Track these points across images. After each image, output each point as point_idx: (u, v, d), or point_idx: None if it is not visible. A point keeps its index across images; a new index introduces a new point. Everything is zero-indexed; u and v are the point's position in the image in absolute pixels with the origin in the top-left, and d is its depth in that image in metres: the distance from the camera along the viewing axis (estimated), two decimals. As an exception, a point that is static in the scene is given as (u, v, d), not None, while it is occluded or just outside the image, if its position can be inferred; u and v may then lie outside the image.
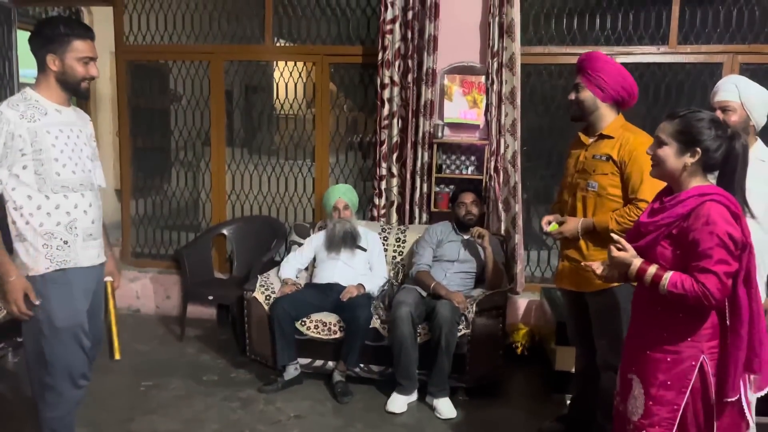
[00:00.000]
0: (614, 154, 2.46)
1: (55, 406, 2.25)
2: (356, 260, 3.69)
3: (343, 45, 4.38)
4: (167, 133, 4.94)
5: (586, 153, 2.56)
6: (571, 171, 2.63)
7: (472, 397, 3.35)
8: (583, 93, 2.52)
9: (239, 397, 3.33)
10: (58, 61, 2.14)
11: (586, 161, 2.55)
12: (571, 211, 2.59)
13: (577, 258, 2.54)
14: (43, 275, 2.16)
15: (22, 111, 2.11)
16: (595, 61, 2.52)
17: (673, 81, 4.04)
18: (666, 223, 1.80)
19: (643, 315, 1.91)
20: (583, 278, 2.51)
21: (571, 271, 2.59)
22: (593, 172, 2.50)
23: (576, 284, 2.59)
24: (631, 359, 1.93)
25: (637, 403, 1.84)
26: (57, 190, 2.17)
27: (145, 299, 4.69)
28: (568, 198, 2.62)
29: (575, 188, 2.57)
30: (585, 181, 2.53)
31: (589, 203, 2.52)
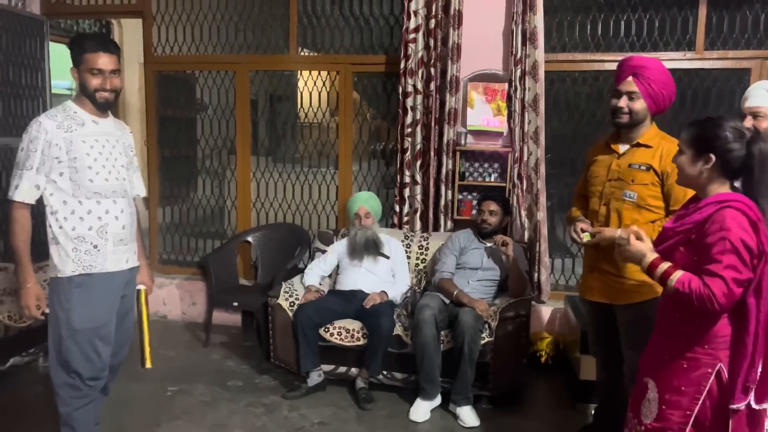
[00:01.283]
0: (655, 164, 2.40)
1: (69, 402, 2.38)
2: (379, 267, 3.70)
3: (367, 54, 4.42)
4: (194, 142, 5.02)
5: (618, 161, 2.48)
6: (601, 179, 2.53)
7: (496, 406, 3.33)
8: (639, 103, 2.40)
9: (263, 403, 3.35)
10: (78, 75, 2.30)
11: (621, 170, 2.46)
12: (604, 221, 2.50)
13: (611, 270, 2.47)
14: (69, 278, 2.28)
15: (59, 121, 2.25)
16: (657, 74, 2.40)
17: (700, 87, 3.99)
18: (684, 229, 1.80)
19: (663, 322, 1.91)
20: (617, 291, 2.47)
21: (604, 283, 2.51)
22: (631, 181, 2.42)
23: (609, 297, 2.51)
24: (648, 364, 1.93)
25: (651, 407, 1.85)
26: (90, 196, 2.28)
27: (171, 305, 4.76)
28: (599, 207, 2.53)
29: (609, 198, 2.49)
30: (620, 190, 2.45)
31: (626, 214, 2.44)
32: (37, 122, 2.23)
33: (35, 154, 2.20)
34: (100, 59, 2.26)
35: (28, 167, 2.21)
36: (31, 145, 2.21)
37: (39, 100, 4.54)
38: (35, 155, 2.20)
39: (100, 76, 2.27)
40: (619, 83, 2.44)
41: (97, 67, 2.26)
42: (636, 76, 2.40)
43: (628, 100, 2.41)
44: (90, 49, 2.26)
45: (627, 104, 2.41)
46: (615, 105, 2.44)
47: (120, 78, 2.35)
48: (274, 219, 4.75)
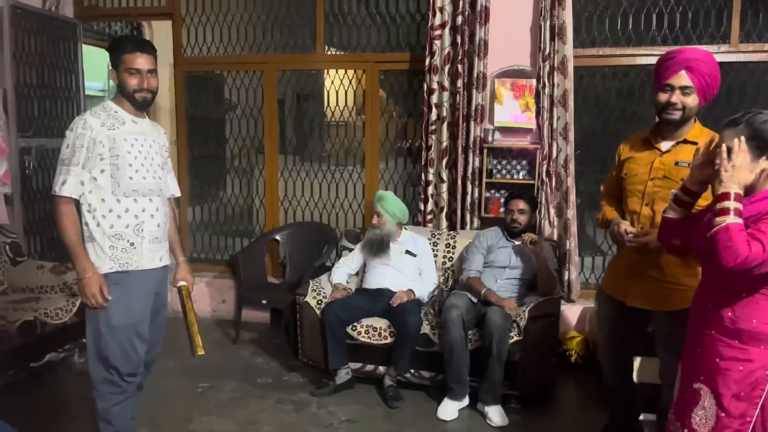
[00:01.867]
0: None
1: (107, 398, 2.42)
2: (406, 266, 3.70)
3: (393, 52, 4.41)
4: (222, 142, 5.09)
5: (662, 159, 2.37)
6: (642, 178, 2.41)
7: (524, 406, 3.30)
8: (692, 98, 2.28)
9: (292, 400, 3.38)
10: (116, 75, 2.35)
11: (667, 168, 2.35)
12: (648, 222, 2.38)
13: (656, 275, 2.36)
14: (106, 274, 2.32)
15: (103, 119, 2.31)
16: (712, 68, 2.28)
17: (735, 81, 3.89)
18: (745, 216, 1.71)
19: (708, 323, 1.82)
20: (662, 297, 2.35)
21: (647, 289, 2.39)
22: (681, 180, 2.25)
23: (652, 303, 2.39)
24: (696, 369, 1.84)
25: (708, 415, 1.76)
26: (128, 194, 2.34)
27: (201, 303, 4.82)
28: (641, 208, 2.41)
29: (652, 197, 2.38)
30: (667, 189, 2.31)
31: None
32: (82, 119, 2.29)
33: (81, 150, 2.25)
34: (137, 59, 2.32)
35: (75, 163, 2.26)
36: (77, 142, 2.25)
37: (74, 101, 4.65)
38: (81, 151, 2.25)
39: (138, 75, 2.32)
40: (670, 77, 2.28)
41: (135, 67, 2.31)
42: (690, 70, 2.26)
43: (682, 95, 2.28)
44: (128, 50, 2.32)
45: (680, 99, 2.28)
46: (667, 100, 2.29)
47: (157, 78, 2.41)
48: (301, 217, 4.79)
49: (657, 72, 2.35)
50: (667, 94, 2.30)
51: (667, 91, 2.29)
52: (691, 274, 2.30)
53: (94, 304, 2.30)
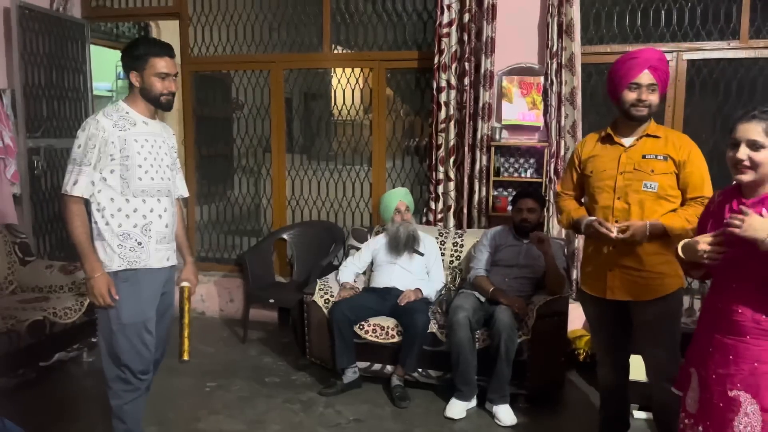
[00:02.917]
0: (672, 153, 2.37)
1: (120, 395, 2.43)
2: (414, 265, 3.69)
3: (400, 50, 4.40)
4: (230, 141, 5.10)
5: (627, 154, 2.43)
6: (611, 173, 2.45)
7: (533, 405, 3.29)
8: (656, 96, 2.39)
9: (300, 399, 3.38)
10: (140, 78, 2.35)
11: (636, 161, 2.41)
12: (622, 214, 2.42)
13: (634, 266, 2.41)
14: (116, 272, 2.34)
15: (115, 120, 2.33)
16: (665, 63, 2.41)
17: (746, 77, 3.85)
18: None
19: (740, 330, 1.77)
20: (641, 286, 2.40)
21: (627, 281, 2.43)
22: (651, 172, 2.38)
23: (633, 294, 2.43)
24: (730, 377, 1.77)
25: (752, 421, 1.72)
26: (137, 194, 2.35)
27: (209, 302, 4.84)
28: (613, 202, 2.44)
29: (625, 190, 2.42)
30: (639, 182, 2.39)
31: (648, 205, 2.39)
32: (95, 120, 2.30)
33: (93, 151, 2.27)
34: (166, 63, 2.35)
35: (87, 163, 2.27)
36: (89, 142, 2.27)
37: (82, 102, 4.67)
38: (93, 152, 2.27)
39: (166, 79, 2.36)
40: (635, 76, 2.36)
41: (164, 71, 2.34)
42: (653, 69, 2.37)
43: (648, 93, 2.37)
44: (156, 54, 2.34)
45: (647, 97, 2.37)
46: (636, 98, 2.37)
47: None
48: (309, 217, 4.79)
49: (619, 72, 2.42)
50: (634, 93, 2.38)
51: (634, 90, 2.38)
52: (666, 262, 2.39)
53: (102, 304, 2.31)
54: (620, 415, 2.75)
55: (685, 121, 3.85)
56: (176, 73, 2.42)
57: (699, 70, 3.89)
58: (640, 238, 2.35)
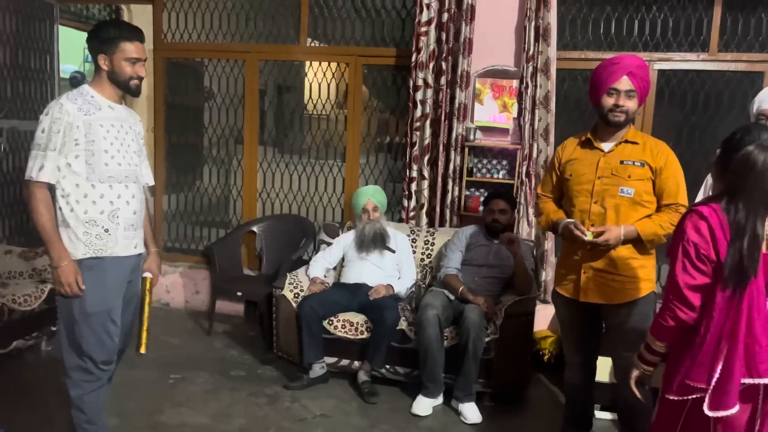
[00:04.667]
0: (649, 159, 2.42)
1: (81, 385, 2.36)
2: (385, 261, 3.69)
3: (377, 47, 4.39)
4: (200, 131, 5.01)
5: (606, 159, 2.46)
6: (589, 177, 2.47)
7: (498, 403, 3.33)
8: (634, 102, 2.42)
9: (266, 393, 3.35)
10: (108, 61, 2.29)
11: (613, 167, 2.45)
12: (598, 218, 2.45)
13: (608, 269, 2.44)
14: (81, 260, 2.27)
15: (79, 104, 2.26)
16: (645, 70, 2.44)
17: (713, 89, 3.96)
18: None
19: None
20: (614, 290, 2.44)
21: (600, 284, 2.47)
22: (628, 177, 2.42)
23: (606, 296, 2.46)
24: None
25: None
26: (104, 180, 2.29)
27: (175, 293, 4.76)
28: (590, 206, 2.47)
29: (602, 195, 2.45)
30: (616, 187, 2.43)
31: (623, 210, 2.42)
32: (59, 104, 2.23)
33: (57, 135, 2.20)
34: (136, 48, 2.30)
35: (51, 148, 2.20)
36: (54, 126, 2.20)
37: (47, 84, 4.54)
38: (57, 136, 2.20)
39: (137, 64, 2.31)
40: (614, 82, 2.40)
41: (135, 56, 2.30)
42: (631, 75, 2.40)
43: (626, 98, 2.40)
44: (127, 38, 2.29)
45: (625, 102, 2.40)
46: (614, 103, 2.40)
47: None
48: (279, 210, 4.74)
49: (599, 78, 2.45)
50: (612, 98, 2.42)
51: (613, 95, 2.42)
52: (639, 266, 2.45)
53: (68, 292, 2.24)
54: (584, 415, 2.80)
55: (653, 130, 3.94)
56: (146, 58, 2.37)
57: (669, 80, 3.98)
58: (614, 243, 2.39)
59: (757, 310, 1.69)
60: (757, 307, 1.69)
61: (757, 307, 1.69)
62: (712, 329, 1.70)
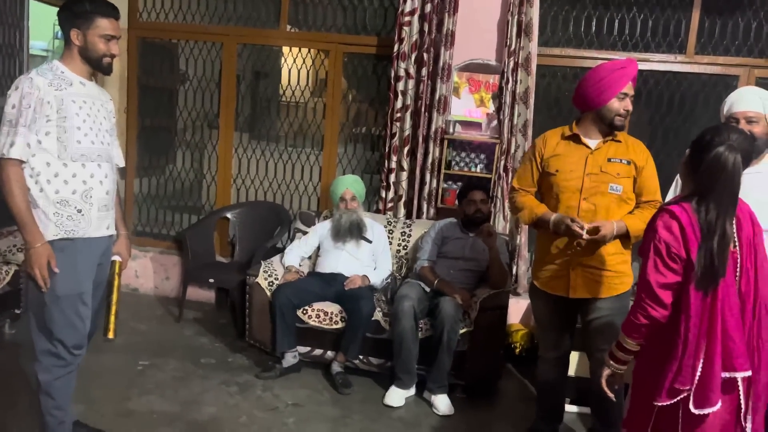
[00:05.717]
0: (634, 158, 2.46)
1: (50, 370, 2.29)
2: (361, 252, 3.67)
3: (359, 35, 4.35)
4: (173, 114, 4.90)
5: (593, 156, 2.47)
6: (577, 174, 2.47)
7: (470, 395, 3.34)
8: (631, 105, 2.46)
9: (237, 381, 3.31)
10: (81, 37, 2.22)
11: (601, 164, 2.46)
12: (588, 215, 2.45)
13: (596, 265, 2.47)
14: (51, 242, 2.19)
15: (50, 79, 2.18)
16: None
17: (688, 91, 4.03)
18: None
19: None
20: (601, 284, 2.48)
21: (587, 279, 2.49)
22: (617, 175, 2.45)
23: (593, 291, 2.49)
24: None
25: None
26: (76, 158, 2.22)
27: (144, 278, 4.66)
28: (578, 202, 2.47)
29: (591, 192, 2.46)
30: (606, 184, 2.45)
31: (612, 207, 2.46)
32: (29, 78, 2.14)
33: (28, 111, 2.11)
34: (111, 25, 2.24)
35: (22, 124, 2.11)
36: (24, 101, 2.11)
37: (16, 59, 4.37)
38: (28, 112, 2.11)
39: (111, 41, 2.24)
40: (623, 86, 2.41)
41: (110, 33, 2.23)
42: (633, 80, 2.45)
43: (630, 103, 2.44)
44: (103, 14, 2.22)
45: (630, 107, 2.44)
46: (624, 108, 2.42)
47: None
48: (254, 197, 4.68)
49: (607, 81, 2.41)
50: (622, 102, 2.43)
51: (622, 99, 2.43)
52: (623, 261, 2.52)
53: (38, 276, 2.16)
54: (555, 409, 2.84)
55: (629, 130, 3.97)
56: (120, 36, 2.31)
57: (646, 80, 4.03)
58: (608, 239, 2.42)
59: (728, 307, 1.73)
60: (728, 305, 1.73)
61: (728, 305, 1.73)
62: (692, 329, 1.73)
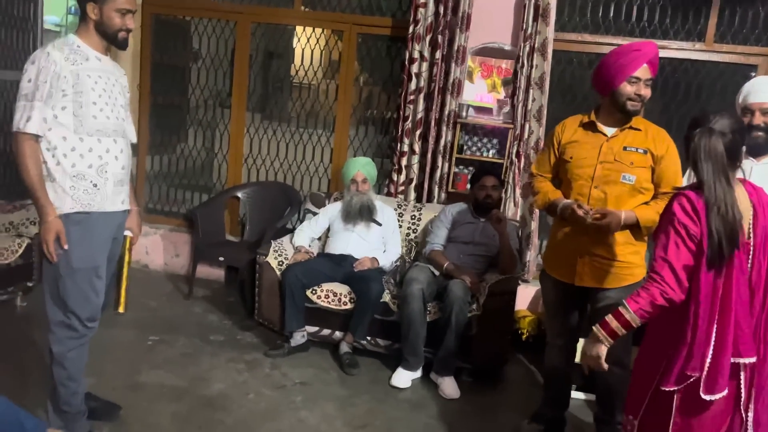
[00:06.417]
0: (651, 146, 2.40)
1: (64, 342, 2.31)
2: (371, 234, 3.67)
3: (373, 15, 4.31)
4: (186, 92, 4.89)
5: (609, 144, 2.43)
6: (590, 161, 2.45)
7: (476, 380, 3.36)
8: (649, 90, 2.39)
9: (245, 359, 3.34)
10: (98, 10, 2.21)
11: (616, 152, 2.42)
12: (597, 203, 2.43)
13: (604, 255, 2.45)
14: (67, 215, 2.20)
15: (66, 54, 2.17)
16: (658, 58, 2.43)
17: (706, 79, 3.98)
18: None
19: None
20: (608, 274, 2.45)
21: (595, 268, 2.47)
22: (630, 164, 2.40)
23: (599, 281, 2.47)
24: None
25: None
26: (92, 133, 2.22)
27: (154, 255, 4.69)
28: (590, 190, 2.44)
29: (603, 180, 2.43)
30: (618, 173, 2.41)
31: (624, 196, 2.41)
32: (45, 53, 2.14)
33: (44, 85, 2.11)
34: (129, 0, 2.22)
35: (39, 98, 2.11)
36: (40, 76, 2.11)
37: (30, 33, 4.38)
38: (44, 86, 2.11)
39: (127, 15, 2.23)
40: (635, 70, 2.35)
41: (126, 7, 2.22)
42: (651, 63, 2.38)
43: (645, 87, 2.37)
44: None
45: (645, 92, 2.37)
46: (635, 92, 2.36)
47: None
48: (265, 177, 4.68)
49: (617, 64, 2.37)
50: (634, 86, 2.37)
51: (634, 83, 2.36)
52: (634, 252, 2.47)
53: (45, 250, 2.17)
54: (561, 395, 2.84)
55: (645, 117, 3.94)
56: (135, 10, 2.30)
57: (663, 68, 3.98)
58: (614, 227, 2.37)
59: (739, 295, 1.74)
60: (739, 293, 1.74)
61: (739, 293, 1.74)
62: (701, 315, 1.73)
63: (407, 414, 2.96)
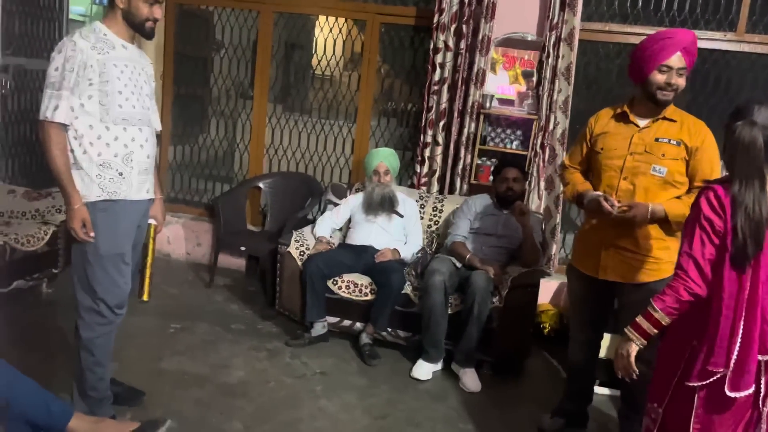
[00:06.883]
0: (686, 138, 2.33)
1: (93, 328, 2.33)
2: (392, 225, 3.65)
3: (395, 5, 4.27)
4: (208, 82, 4.91)
5: (641, 134, 2.38)
6: (620, 153, 2.39)
7: (496, 373, 3.33)
8: (683, 80, 2.31)
9: (266, 348, 3.35)
10: (126, 1, 2.20)
11: (647, 144, 2.36)
12: (626, 195, 2.38)
13: (630, 248, 2.39)
14: (94, 203, 2.22)
15: (93, 42, 2.18)
16: (696, 46, 2.34)
17: (737, 70, 3.88)
18: None
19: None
20: (634, 269, 2.40)
21: (620, 261, 2.42)
22: (662, 156, 2.33)
23: (624, 275, 2.42)
24: None
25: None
26: (118, 122, 2.23)
27: (176, 244, 4.73)
28: (619, 182, 2.40)
29: (633, 172, 2.37)
30: (648, 164, 2.35)
31: (653, 189, 2.35)
32: (71, 41, 2.15)
33: (71, 74, 2.12)
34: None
35: (66, 87, 2.12)
36: (67, 65, 2.12)
37: (56, 22, 4.43)
38: (71, 75, 2.12)
39: (154, 5, 2.23)
40: (667, 57, 2.27)
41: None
42: (685, 52, 2.29)
43: (677, 77, 2.29)
44: None
45: (677, 81, 2.29)
46: (666, 81, 2.29)
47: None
48: (286, 167, 4.68)
49: (649, 52, 2.31)
50: (664, 75, 2.30)
51: (665, 72, 2.30)
52: (663, 247, 2.39)
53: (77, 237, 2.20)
54: (585, 390, 2.80)
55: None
56: (163, 0, 2.30)
57: (692, 59, 3.89)
58: (640, 220, 2.32)
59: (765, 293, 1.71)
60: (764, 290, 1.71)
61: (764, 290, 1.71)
62: (724, 310, 1.70)
63: (427, 405, 2.95)
